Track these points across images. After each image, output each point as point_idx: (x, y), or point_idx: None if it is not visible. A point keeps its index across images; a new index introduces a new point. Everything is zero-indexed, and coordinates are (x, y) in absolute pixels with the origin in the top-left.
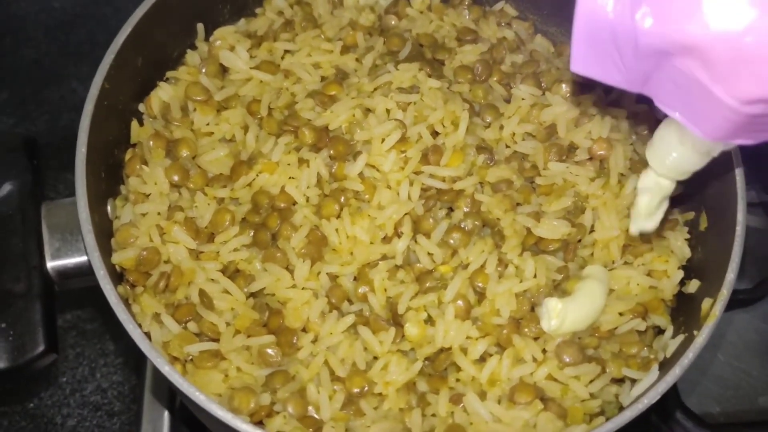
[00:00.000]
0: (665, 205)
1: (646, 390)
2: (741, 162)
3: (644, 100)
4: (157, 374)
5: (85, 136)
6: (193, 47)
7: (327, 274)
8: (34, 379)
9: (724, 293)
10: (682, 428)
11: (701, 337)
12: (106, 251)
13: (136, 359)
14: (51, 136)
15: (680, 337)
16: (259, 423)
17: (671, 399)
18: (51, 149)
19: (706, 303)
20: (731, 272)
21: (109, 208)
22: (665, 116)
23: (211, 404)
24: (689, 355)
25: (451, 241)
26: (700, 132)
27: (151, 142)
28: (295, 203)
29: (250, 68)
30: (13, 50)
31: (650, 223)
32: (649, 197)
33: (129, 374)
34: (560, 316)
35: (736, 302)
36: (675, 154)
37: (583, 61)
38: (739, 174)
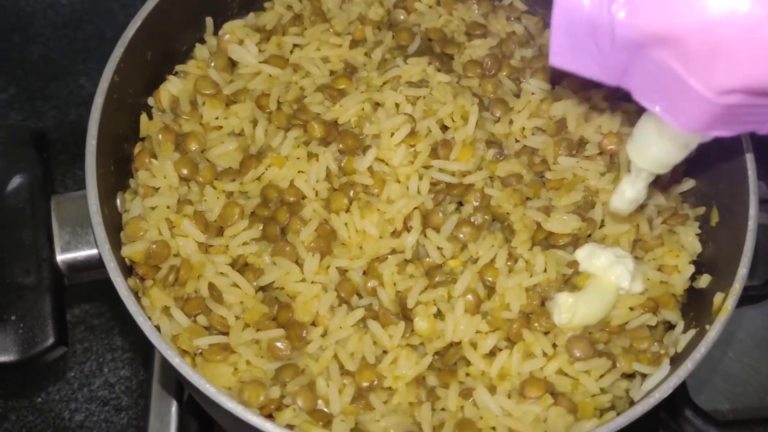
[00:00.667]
0: (645, 192)
1: (657, 384)
2: (753, 156)
3: None
4: (166, 368)
5: (95, 128)
6: (202, 41)
7: (336, 268)
8: (44, 373)
9: (737, 287)
10: (691, 425)
11: (713, 332)
12: (116, 244)
13: (144, 354)
14: (59, 132)
15: (691, 332)
16: (269, 416)
17: (680, 396)
18: (59, 144)
19: (717, 297)
20: (743, 267)
21: (118, 201)
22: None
23: (221, 396)
24: (701, 350)
25: (461, 236)
26: (677, 124)
27: (160, 136)
28: (304, 197)
29: (259, 62)
30: (21, 46)
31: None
32: (632, 186)
33: (137, 369)
34: (571, 310)
35: (746, 298)
36: (654, 148)
37: (562, 54)
38: (751, 168)
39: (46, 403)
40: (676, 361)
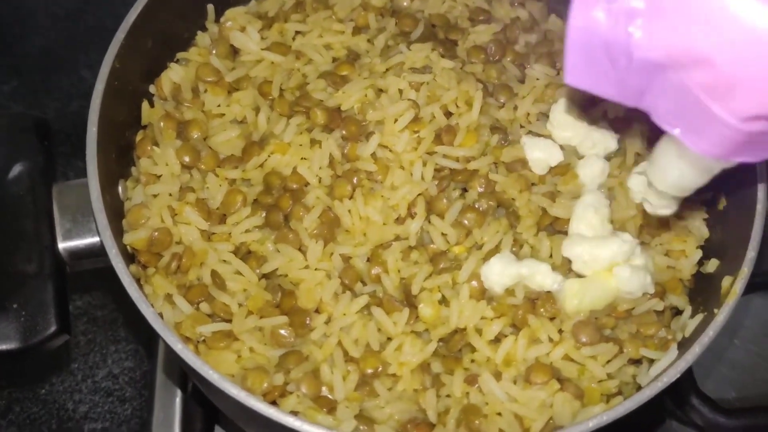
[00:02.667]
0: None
1: (665, 369)
2: None
3: None
4: (170, 359)
5: (95, 115)
6: (204, 28)
7: (340, 255)
8: (47, 364)
9: (745, 271)
10: (697, 413)
11: (721, 315)
12: (118, 231)
13: (147, 345)
14: (61, 123)
15: (699, 317)
16: (273, 403)
17: (687, 384)
18: (62, 136)
19: (726, 281)
20: (752, 250)
21: (120, 189)
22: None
23: (224, 382)
24: (709, 333)
25: (466, 222)
26: (697, 149)
27: (161, 124)
28: (307, 184)
29: (261, 49)
30: (22, 38)
31: (666, 210)
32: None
33: (140, 360)
34: (578, 296)
35: (753, 286)
36: (675, 171)
37: (577, 74)
38: None
39: (50, 394)
40: (684, 345)
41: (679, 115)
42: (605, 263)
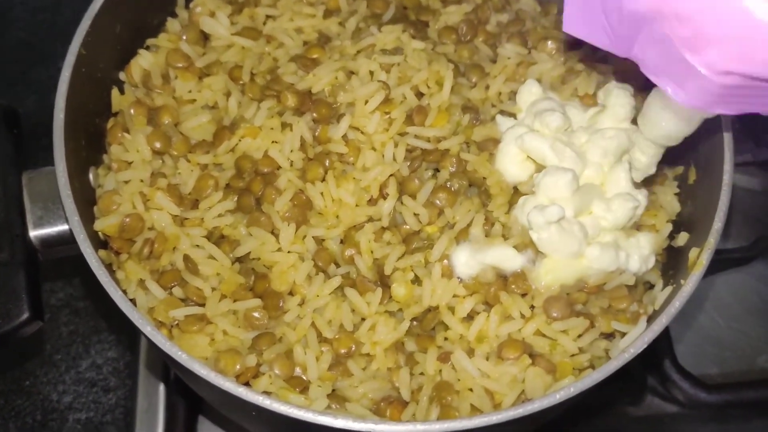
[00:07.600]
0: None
1: (633, 341)
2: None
3: None
4: (152, 348)
5: (62, 101)
6: (174, 14)
7: (313, 237)
8: (29, 356)
9: (711, 242)
10: (679, 389)
11: (688, 286)
12: (88, 218)
13: (129, 335)
14: (40, 116)
15: (668, 289)
16: (246, 384)
17: (668, 360)
18: (41, 129)
19: (693, 252)
20: (718, 221)
21: (91, 176)
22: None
23: (194, 363)
24: (676, 304)
25: (438, 202)
26: (678, 99)
27: (132, 110)
28: (278, 167)
29: (232, 34)
30: (0, 31)
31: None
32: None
33: (123, 350)
34: (551, 272)
35: (731, 261)
36: (662, 122)
37: (575, 23)
38: (725, 126)
39: (33, 386)
40: (654, 318)
41: (663, 67)
42: None
